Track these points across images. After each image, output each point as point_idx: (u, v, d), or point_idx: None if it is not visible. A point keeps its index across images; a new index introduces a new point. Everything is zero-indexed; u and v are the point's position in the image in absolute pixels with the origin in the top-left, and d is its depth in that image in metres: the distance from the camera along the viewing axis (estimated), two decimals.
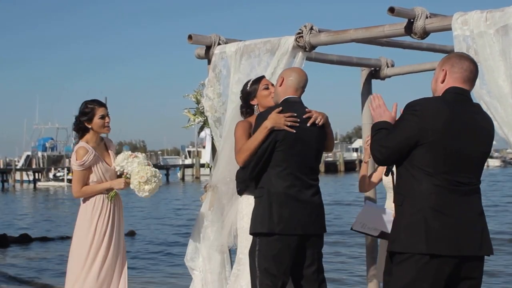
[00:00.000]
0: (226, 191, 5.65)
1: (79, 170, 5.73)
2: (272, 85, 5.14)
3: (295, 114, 4.68)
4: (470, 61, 3.94)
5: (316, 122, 4.75)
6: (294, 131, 4.66)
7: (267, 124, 4.67)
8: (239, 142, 4.90)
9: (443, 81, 3.92)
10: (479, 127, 3.89)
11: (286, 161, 4.70)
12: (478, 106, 4.03)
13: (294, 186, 4.71)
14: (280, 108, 4.70)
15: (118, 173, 5.80)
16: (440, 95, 3.92)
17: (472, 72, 3.92)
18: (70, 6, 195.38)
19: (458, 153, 3.79)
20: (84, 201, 5.83)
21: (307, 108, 4.85)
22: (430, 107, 3.81)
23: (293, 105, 4.77)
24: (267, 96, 5.11)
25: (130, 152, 5.77)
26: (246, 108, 5.28)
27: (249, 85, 5.26)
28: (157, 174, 5.72)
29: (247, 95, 5.25)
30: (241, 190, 5.08)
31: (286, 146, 4.69)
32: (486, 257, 3.90)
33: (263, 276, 4.69)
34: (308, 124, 4.73)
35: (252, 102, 5.23)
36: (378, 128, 4.00)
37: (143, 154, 5.89)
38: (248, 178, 4.85)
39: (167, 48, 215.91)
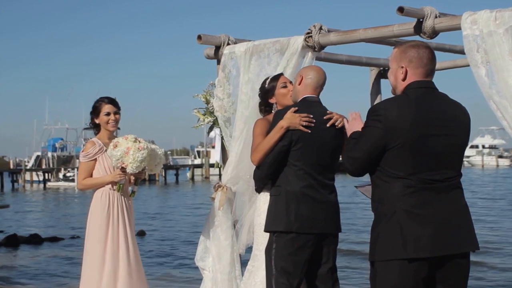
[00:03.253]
0: (247, 189, 5.66)
1: (83, 162, 5.89)
2: (291, 82, 5.13)
3: (311, 116, 4.68)
4: (428, 50, 3.83)
5: (336, 124, 4.75)
6: (310, 131, 4.67)
7: (283, 123, 4.68)
8: (256, 141, 4.92)
9: (404, 79, 3.82)
10: (450, 118, 3.77)
11: (301, 161, 4.72)
12: (445, 96, 3.88)
13: (311, 185, 4.73)
14: (296, 108, 4.71)
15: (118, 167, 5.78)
16: (402, 92, 3.82)
17: (432, 61, 3.82)
18: (79, 7, 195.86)
19: (430, 151, 3.68)
20: (92, 199, 5.90)
21: (327, 109, 4.86)
22: (393, 110, 3.70)
23: (311, 105, 4.78)
24: (286, 95, 5.10)
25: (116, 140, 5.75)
26: (265, 106, 5.28)
27: (267, 83, 5.24)
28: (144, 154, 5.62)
29: (266, 93, 5.24)
30: (259, 188, 5.09)
31: (302, 146, 4.70)
32: None
33: (279, 274, 4.71)
34: (327, 125, 4.74)
35: (271, 100, 5.21)
36: (351, 138, 3.98)
37: (131, 136, 5.72)
38: (264, 177, 4.87)
39: (176, 48, 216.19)
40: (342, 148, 4.86)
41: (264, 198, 5.08)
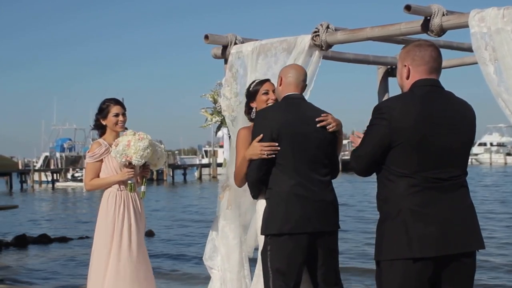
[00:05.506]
0: (244, 188, 5.66)
1: (89, 162, 5.92)
2: (274, 91, 5.06)
3: (276, 144, 4.61)
4: (431, 48, 3.83)
5: (328, 127, 4.69)
6: (290, 129, 4.61)
7: (246, 154, 4.72)
8: (238, 155, 4.93)
9: (408, 77, 3.83)
10: (456, 116, 3.76)
11: (286, 159, 4.64)
12: (451, 94, 3.87)
13: (301, 183, 4.64)
14: (261, 136, 4.64)
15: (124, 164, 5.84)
16: (408, 90, 3.82)
17: (436, 60, 3.82)
18: (84, 6, 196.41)
19: (434, 149, 3.67)
20: (101, 199, 5.92)
21: (312, 105, 4.82)
22: (398, 107, 3.71)
23: (292, 103, 4.73)
24: (265, 102, 5.06)
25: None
26: (248, 108, 5.25)
27: (252, 86, 5.21)
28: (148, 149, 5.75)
29: (249, 96, 5.21)
30: (256, 195, 4.95)
31: (286, 144, 4.63)
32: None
33: (275, 276, 4.66)
34: (317, 126, 4.67)
35: (252, 105, 5.18)
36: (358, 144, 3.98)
37: (129, 131, 5.87)
38: (256, 181, 4.76)
39: (183, 48, 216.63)
40: (331, 142, 4.78)
41: (262, 201, 5.04)
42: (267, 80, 5.24)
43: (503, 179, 53.27)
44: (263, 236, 4.94)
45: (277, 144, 4.62)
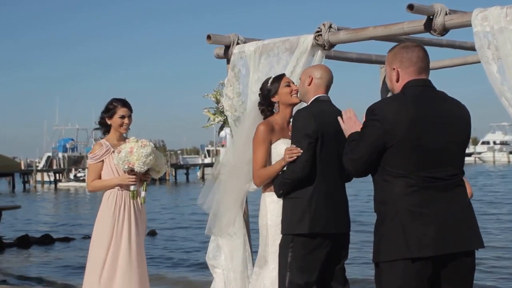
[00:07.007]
0: (225, 179, 5.68)
1: (91, 163, 5.98)
2: (293, 83, 5.17)
3: (302, 151, 4.68)
4: (418, 48, 3.84)
5: None
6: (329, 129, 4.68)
7: (283, 159, 4.80)
8: (256, 153, 4.98)
9: (397, 80, 3.84)
10: (449, 115, 3.76)
11: (324, 158, 4.72)
12: (444, 94, 3.87)
13: (331, 184, 4.76)
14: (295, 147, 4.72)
15: (125, 171, 5.86)
16: (400, 91, 3.81)
17: (423, 60, 3.83)
18: (84, 6, 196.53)
19: (429, 149, 3.66)
20: (102, 199, 5.93)
21: (337, 108, 4.89)
22: (390, 108, 3.71)
23: (325, 105, 4.84)
24: (289, 94, 5.12)
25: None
26: (267, 106, 5.27)
27: (269, 83, 5.24)
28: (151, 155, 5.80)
29: (268, 92, 5.23)
30: (284, 193, 4.85)
31: (325, 144, 4.71)
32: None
33: (294, 275, 4.70)
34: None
35: (273, 99, 5.21)
36: (350, 140, 3.97)
37: (132, 138, 5.93)
38: (299, 178, 4.73)
39: (183, 48, 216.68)
40: None
41: (270, 198, 5.03)
42: (284, 75, 5.32)
43: None
44: (267, 234, 4.96)
45: (300, 150, 4.68)
